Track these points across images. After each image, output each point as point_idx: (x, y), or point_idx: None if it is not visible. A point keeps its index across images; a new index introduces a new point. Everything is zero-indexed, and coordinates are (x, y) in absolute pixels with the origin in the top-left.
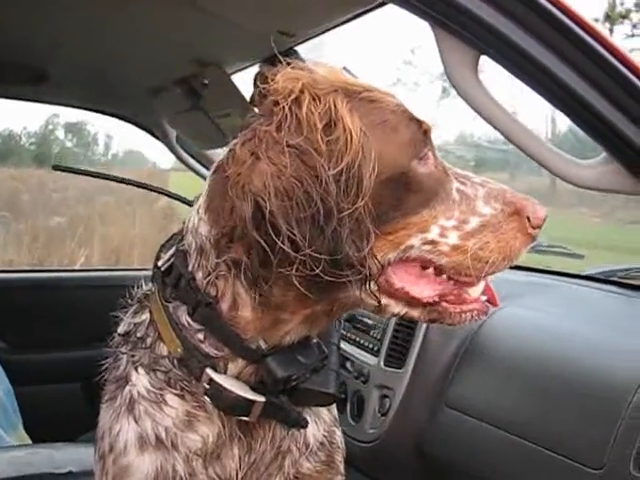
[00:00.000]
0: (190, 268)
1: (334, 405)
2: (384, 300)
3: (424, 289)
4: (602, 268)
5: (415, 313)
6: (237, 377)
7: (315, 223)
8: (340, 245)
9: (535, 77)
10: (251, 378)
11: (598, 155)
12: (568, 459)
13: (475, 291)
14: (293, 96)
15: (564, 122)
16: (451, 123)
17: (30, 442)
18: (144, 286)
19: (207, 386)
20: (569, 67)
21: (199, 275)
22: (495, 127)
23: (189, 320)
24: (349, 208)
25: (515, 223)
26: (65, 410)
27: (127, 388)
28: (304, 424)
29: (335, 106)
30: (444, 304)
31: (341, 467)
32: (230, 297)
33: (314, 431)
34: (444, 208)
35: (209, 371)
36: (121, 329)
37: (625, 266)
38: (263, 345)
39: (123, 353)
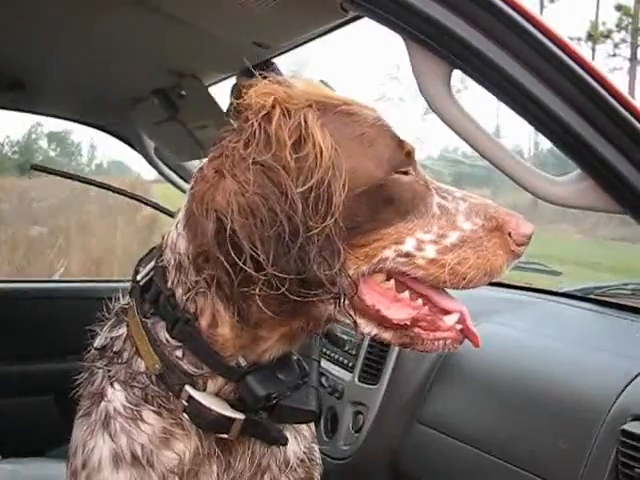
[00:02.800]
0: (169, 284)
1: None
2: (357, 318)
3: (397, 311)
4: (579, 285)
5: (386, 335)
6: (217, 394)
7: (281, 242)
8: (308, 264)
9: (507, 92)
10: (230, 395)
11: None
12: (541, 477)
13: (450, 319)
14: (264, 112)
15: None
16: (435, 139)
17: None
18: (122, 299)
19: (186, 403)
20: (543, 82)
21: (179, 291)
22: (468, 142)
23: (167, 337)
24: (317, 226)
25: (496, 239)
26: (37, 423)
27: (103, 404)
28: (284, 441)
29: (306, 122)
30: (417, 329)
31: None
32: (209, 314)
33: (294, 448)
34: (422, 222)
35: (188, 388)
36: (97, 343)
37: (602, 284)
38: (243, 362)
39: (98, 368)
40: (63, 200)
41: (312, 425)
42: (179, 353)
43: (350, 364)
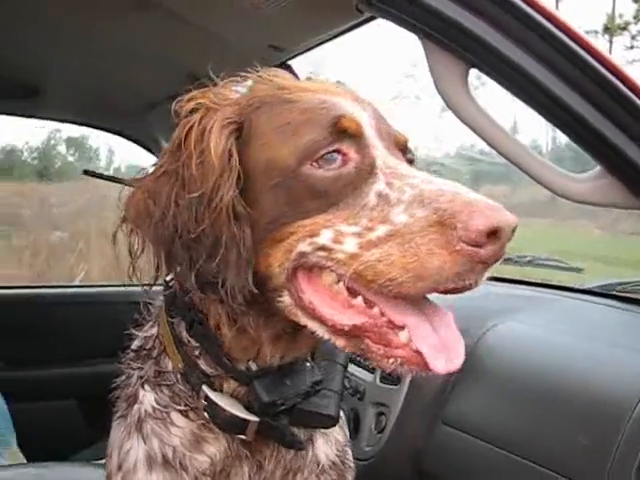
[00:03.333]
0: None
1: (345, 424)
2: (304, 320)
3: (338, 314)
4: (600, 282)
5: (340, 342)
6: (232, 396)
7: (173, 244)
8: (196, 264)
9: (526, 90)
10: (244, 398)
11: (593, 168)
12: (567, 477)
13: (403, 336)
14: (186, 123)
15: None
16: (452, 136)
17: (23, 460)
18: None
19: (204, 403)
20: (561, 79)
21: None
22: (486, 140)
23: (188, 336)
24: (194, 232)
25: (434, 235)
26: (60, 427)
27: (136, 406)
28: (298, 446)
29: (210, 129)
30: (367, 341)
31: None
32: (214, 315)
33: (326, 450)
34: (347, 213)
35: (205, 388)
36: (134, 344)
37: (623, 280)
38: (254, 367)
39: (134, 369)
40: (83, 205)
41: (346, 429)
42: (197, 353)
43: (371, 365)
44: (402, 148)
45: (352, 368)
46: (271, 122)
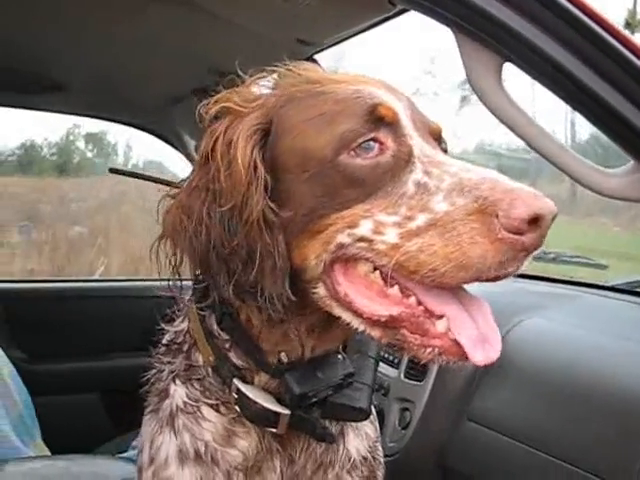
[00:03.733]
0: None
1: (376, 420)
2: (339, 311)
3: (376, 306)
4: (627, 279)
5: (375, 333)
6: (264, 389)
7: (209, 254)
8: (234, 274)
9: (561, 84)
10: (276, 390)
11: (624, 163)
12: (594, 475)
13: (440, 325)
14: (212, 133)
15: (585, 127)
16: (471, 132)
17: (48, 453)
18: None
19: (235, 396)
20: (597, 74)
21: None
22: (518, 135)
23: (218, 330)
24: (228, 244)
25: (476, 224)
26: (84, 420)
27: (167, 401)
28: (330, 439)
29: (236, 140)
30: (404, 331)
31: None
32: (245, 308)
33: (357, 445)
34: (386, 202)
35: (236, 381)
36: (165, 339)
37: None
38: (285, 360)
39: (164, 364)
40: (102, 200)
41: (376, 424)
42: (228, 346)
43: (395, 360)
44: (436, 137)
45: None
46: (304, 114)
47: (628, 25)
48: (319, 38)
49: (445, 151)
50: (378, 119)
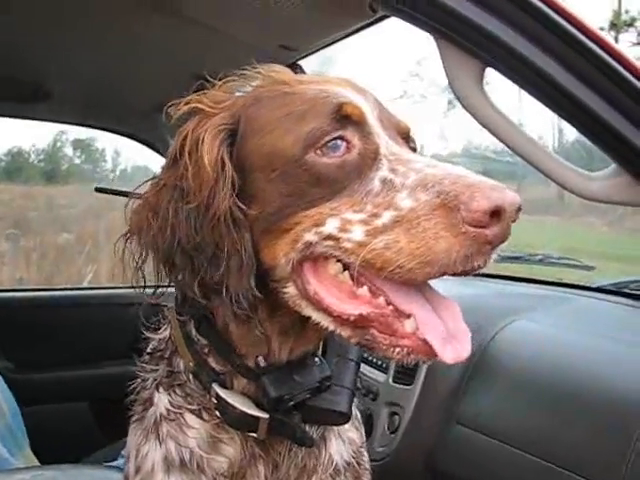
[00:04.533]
0: None
1: (361, 426)
2: (309, 311)
3: (343, 303)
4: (613, 280)
5: (344, 332)
6: (243, 393)
7: (174, 252)
8: (199, 271)
9: (542, 89)
10: (255, 394)
11: (607, 167)
12: (582, 477)
13: (409, 325)
14: (181, 133)
15: (572, 131)
16: (458, 135)
17: (37, 463)
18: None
19: (215, 401)
20: (577, 78)
21: None
22: (501, 140)
23: (197, 335)
24: (194, 241)
25: (440, 219)
26: (73, 430)
27: (152, 409)
28: (309, 443)
29: (202, 138)
30: (373, 331)
31: None
32: (222, 312)
33: (340, 450)
34: (352, 200)
35: (215, 386)
36: (150, 347)
37: (636, 277)
38: (262, 363)
39: (148, 372)
40: (90, 207)
41: (362, 430)
42: (207, 350)
43: (384, 365)
44: (405, 136)
45: (365, 368)
46: (272, 114)
47: (614, 26)
48: (302, 44)
49: (414, 150)
50: (344, 117)
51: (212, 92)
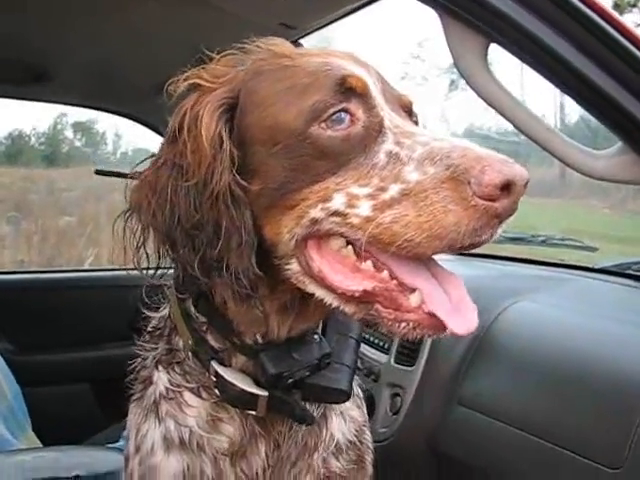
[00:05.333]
0: None
1: (363, 404)
2: (312, 288)
3: (350, 280)
4: (616, 261)
5: (349, 308)
6: (241, 370)
7: (173, 229)
8: (199, 249)
9: (548, 65)
10: (253, 372)
11: (612, 145)
12: (584, 458)
13: (414, 298)
14: (180, 109)
15: (575, 110)
16: (460, 116)
17: (39, 444)
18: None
19: (214, 379)
20: (584, 54)
21: None
22: (505, 117)
23: (195, 312)
24: (193, 219)
25: (448, 192)
26: (74, 411)
27: (151, 388)
28: (310, 420)
29: (201, 114)
30: (377, 305)
31: (370, 468)
32: (220, 290)
33: (341, 428)
34: (358, 174)
35: (214, 363)
36: (150, 326)
37: (639, 259)
38: (261, 340)
39: (148, 350)
40: (90, 189)
41: (364, 408)
42: (205, 328)
43: (386, 346)
44: (407, 110)
45: (367, 349)
46: (273, 87)
47: (617, 7)
48: (303, 22)
49: (416, 124)
50: (348, 90)
51: (211, 66)
